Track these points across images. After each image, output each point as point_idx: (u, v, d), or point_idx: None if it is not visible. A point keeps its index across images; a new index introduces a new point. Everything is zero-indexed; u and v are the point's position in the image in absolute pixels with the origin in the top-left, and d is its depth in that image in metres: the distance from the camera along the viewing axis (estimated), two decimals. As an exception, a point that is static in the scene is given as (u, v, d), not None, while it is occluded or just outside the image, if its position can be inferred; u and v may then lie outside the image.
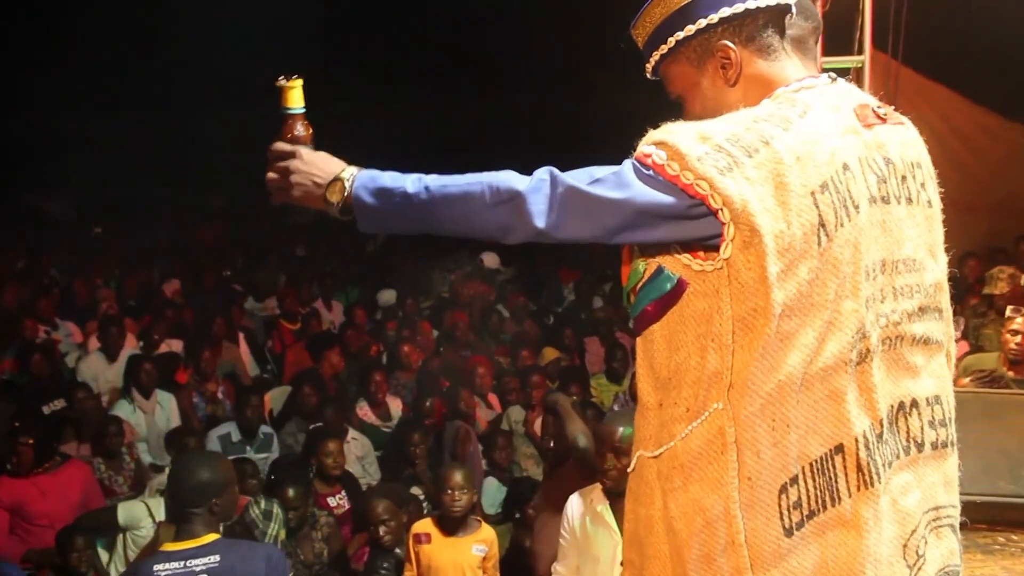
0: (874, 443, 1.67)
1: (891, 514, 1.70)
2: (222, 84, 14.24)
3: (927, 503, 1.78)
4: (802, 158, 1.62)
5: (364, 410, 6.55)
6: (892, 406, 1.73)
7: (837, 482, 1.65)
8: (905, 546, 1.72)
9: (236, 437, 6.00)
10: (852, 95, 1.80)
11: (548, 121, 14.87)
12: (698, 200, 1.59)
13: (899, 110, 1.85)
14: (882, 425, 1.69)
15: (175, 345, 7.41)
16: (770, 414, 1.61)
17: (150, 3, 14.16)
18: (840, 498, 1.65)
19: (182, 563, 2.92)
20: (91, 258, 10.83)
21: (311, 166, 1.77)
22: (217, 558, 2.95)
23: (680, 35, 1.76)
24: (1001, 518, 3.19)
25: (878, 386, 1.69)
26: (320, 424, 5.88)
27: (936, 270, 1.82)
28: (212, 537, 3.00)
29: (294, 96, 1.85)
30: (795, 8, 1.82)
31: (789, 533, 1.62)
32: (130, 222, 13.18)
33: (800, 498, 1.63)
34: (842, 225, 1.63)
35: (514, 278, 10.56)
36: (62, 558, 4.60)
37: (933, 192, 1.84)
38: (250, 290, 9.62)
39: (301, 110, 1.85)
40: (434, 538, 4.15)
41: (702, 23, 1.74)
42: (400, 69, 15.50)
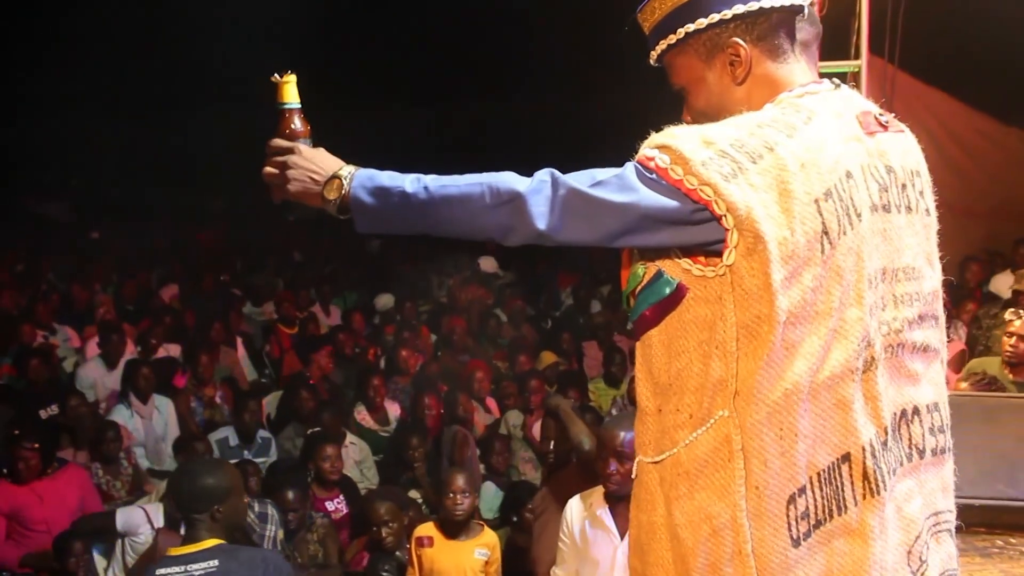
0: (880, 451, 1.67)
1: (896, 521, 1.70)
2: (221, 87, 14.24)
3: (928, 509, 1.78)
4: (806, 165, 1.61)
5: (362, 414, 6.54)
6: (895, 414, 1.73)
7: (844, 491, 1.64)
8: (909, 552, 1.72)
9: (234, 441, 6.00)
10: (855, 102, 1.79)
11: (548, 122, 14.89)
12: (701, 205, 1.58)
13: (896, 115, 1.84)
14: (887, 433, 1.69)
15: (173, 350, 7.41)
16: (777, 423, 1.60)
17: (149, 5, 14.17)
18: (847, 507, 1.64)
19: (183, 567, 2.94)
20: (89, 262, 10.83)
21: (309, 162, 1.75)
22: (215, 563, 2.97)
23: (691, 27, 1.73)
24: (999, 521, 3.19)
25: (883, 394, 1.69)
26: (318, 428, 5.88)
27: (933, 278, 1.82)
28: (213, 542, 3.02)
29: (289, 91, 1.84)
30: (806, 11, 1.80)
31: (797, 544, 1.62)
32: (128, 225, 13.18)
33: (808, 508, 1.62)
34: (845, 233, 1.62)
35: (512, 282, 10.55)
36: (59, 563, 4.59)
37: (931, 201, 1.83)
38: (248, 294, 9.62)
39: (297, 105, 1.84)
40: (436, 541, 4.15)
41: (715, 17, 1.71)
42: (400, 70, 15.52)
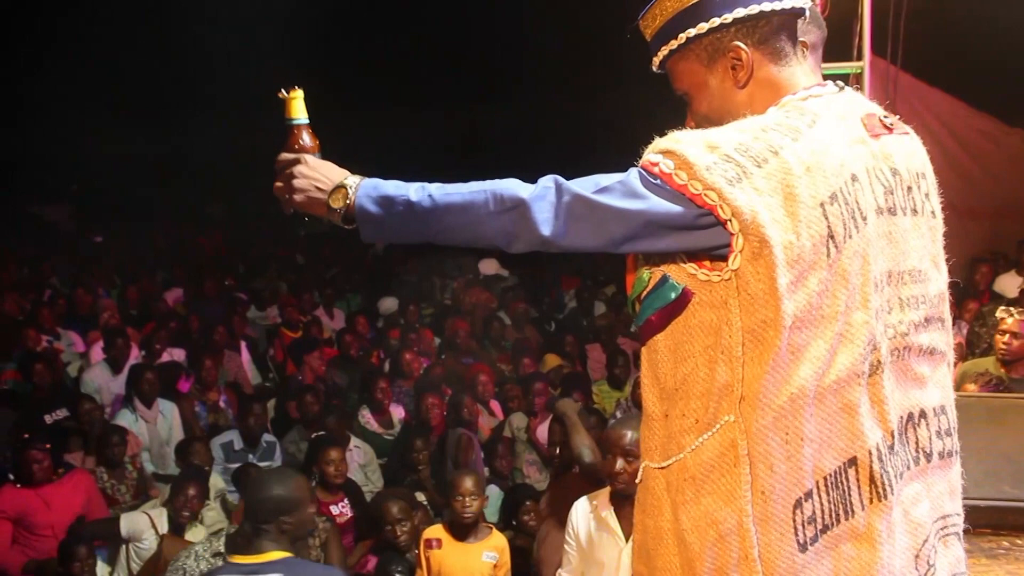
0: (886, 455, 1.66)
1: (903, 525, 1.70)
2: (223, 91, 14.28)
3: (936, 512, 1.78)
4: (811, 169, 1.61)
5: (367, 417, 6.55)
6: (902, 417, 1.73)
7: (851, 495, 1.64)
8: (917, 556, 1.72)
9: (238, 445, 6.00)
10: (859, 104, 1.79)
11: (548, 123, 14.91)
12: (706, 210, 1.58)
13: (899, 116, 1.84)
14: (893, 437, 1.69)
15: (177, 354, 7.41)
16: (783, 427, 1.60)
17: (150, 13, 14.21)
18: (854, 511, 1.64)
19: None
20: (92, 266, 10.84)
21: (315, 172, 1.77)
22: None
23: (692, 32, 1.73)
24: (1005, 522, 3.18)
25: (889, 398, 1.68)
26: (322, 432, 5.88)
27: (939, 280, 1.82)
28: (278, 555, 2.95)
29: (296, 107, 1.87)
30: (808, 13, 1.80)
31: (804, 548, 1.61)
32: (131, 229, 13.21)
33: (815, 513, 1.62)
34: (850, 236, 1.62)
35: (516, 285, 10.56)
36: (64, 568, 4.58)
37: (936, 203, 1.83)
38: (252, 298, 9.63)
39: (305, 120, 1.87)
40: (445, 544, 4.16)
41: (715, 22, 1.71)
42: (400, 72, 15.55)
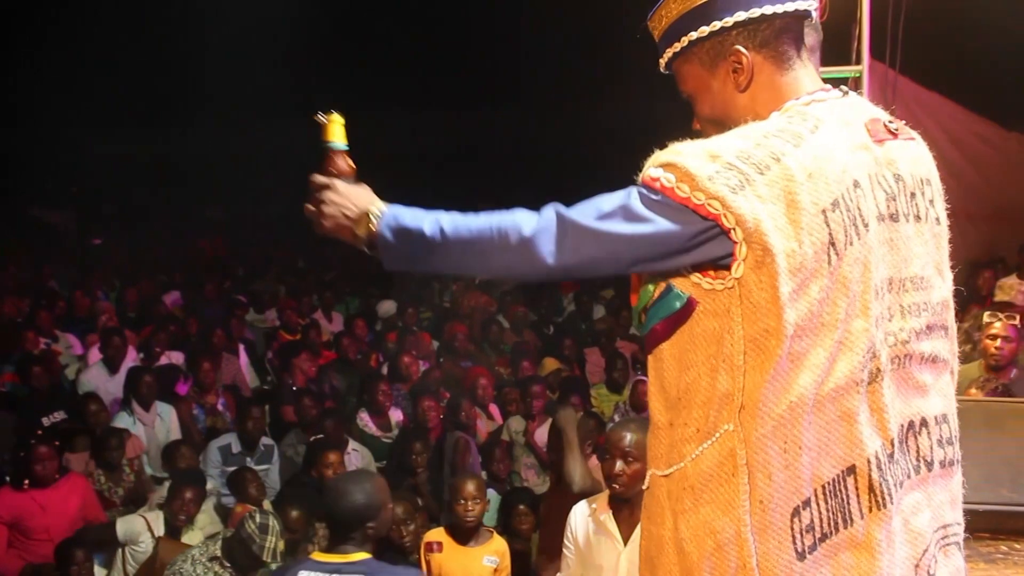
0: (886, 463, 1.66)
1: (903, 535, 1.69)
2: (222, 95, 14.29)
3: (936, 522, 1.77)
4: (814, 175, 1.60)
5: (365, 421, 6.54)
6: (902, 425, 1.72)
7: (849, 504, 1.63)
8: (917, 566, 1.71)
9: (237, 448, 5.99)
10: (863, 109, 1.78)
11: (549, 127, 14.91)
12: (711, 221, 1.57)
13: (898, 120, 1.83)
14: (893, 445, 1.68)
15: (175, 357, 7.41)
16: (782, 436, 1.59)
17: (150, 16, 14.23)
18: (852, 520, 1.63)
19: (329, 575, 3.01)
20: (91, 269, 10.84)
21: (344, 199, 1.78)
22: None
23: (694, 35, 1.73)
24: (1004, 527, 3.19)
25: (888, 406, 1.68)
26: (320, 436, 5.87)
27: (943, 288, 1.81)
28: (362, 556, 3.07)
29: (335, 131, 1.88)
30: (813, 17, 1.78)
31: (802, 557, 1.60)
32: (130, 232, 13.21)
33: (813, 521, 1.61)
34: (852, 243, 1.61)
35: (514, 289, 10.55)
36: (61, 572, 4.58)
37: (941, 209, 1.82)
38: (250, 301, 9.62)
39: (343, 146, 1.87)
40: (446, 547, 4.16)
41: (716, 25, 1.71)
42: (401, 74, 15.56)
